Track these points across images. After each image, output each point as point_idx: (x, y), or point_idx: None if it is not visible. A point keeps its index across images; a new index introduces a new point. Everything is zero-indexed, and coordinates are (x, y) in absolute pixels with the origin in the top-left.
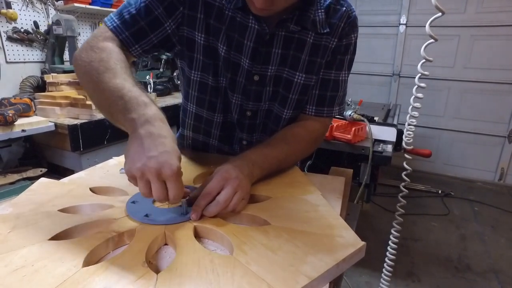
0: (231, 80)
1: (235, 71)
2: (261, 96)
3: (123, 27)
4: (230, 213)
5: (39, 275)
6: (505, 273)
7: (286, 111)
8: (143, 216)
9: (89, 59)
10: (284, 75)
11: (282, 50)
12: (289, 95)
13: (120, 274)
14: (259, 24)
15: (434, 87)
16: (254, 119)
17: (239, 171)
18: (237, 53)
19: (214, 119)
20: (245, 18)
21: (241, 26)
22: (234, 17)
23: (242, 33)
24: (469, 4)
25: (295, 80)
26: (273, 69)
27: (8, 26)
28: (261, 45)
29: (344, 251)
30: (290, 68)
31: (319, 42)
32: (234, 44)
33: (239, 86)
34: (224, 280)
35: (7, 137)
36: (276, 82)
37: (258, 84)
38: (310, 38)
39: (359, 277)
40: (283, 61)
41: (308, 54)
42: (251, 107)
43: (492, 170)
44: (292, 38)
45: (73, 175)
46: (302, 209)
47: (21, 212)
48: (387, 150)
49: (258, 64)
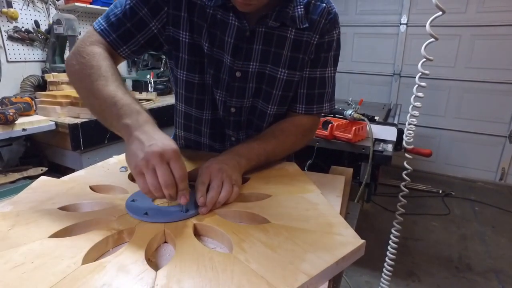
0: (214, 76)
1: (219, 67)
2: (244, 92)
3: (110, 29)
4: (226, 208)
5: (38, 272)
6: (505, 273)
7: (271, 107)
8: (142, 214)
9: (79, 65)
10: (267, 72)
11: (263, 47)
12: (273, 91)
13: (120, 271)
14: (239, 21)
15: (434, 86)
16: (238, 115)
17: (222, 163)
18: (220, 50)
19: (203, 117)
20: (225, 15)
21: (222, 23)
22: (215, 15)
23: (223, 30)
24: (470, 4)
25: (278, 76)
26: (255, 66)
27: (9, 25)
28: (241, 42)
29: (343, 249)
30: (272, 64)
31: (301, 38)
32: (216, 41)
33: (222, 82)
34: (223, 277)
35: (7, 136)
36: (259, 79)
37: (240, 81)
38: (291, 34)
39: (359, 277)
40: (265, 57)
41: (290, 50)
42: (234, 103)
43: (493, 170)
44: (272, 35)
45: (73, 173)
46: (302, 207)
47: (21, 210)
48: (387, 150)
49: (239, 61)
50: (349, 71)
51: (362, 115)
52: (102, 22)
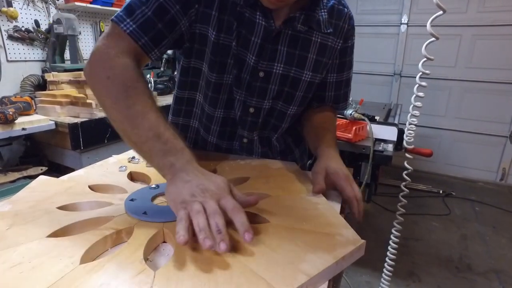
0: (236, 76)
1: (241, 67)
2: (265, 93)
3: (141, 31)
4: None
5: (36, 272)
6: (506, 273)
7: (291, 108)
8: (141, 213)
9: (110, 81)
10: (291, 74)
11: (288, 49)
12: (296, 92)
13: (118, 271)
14: (266, 20)
15: (435, 86)
16: (256, 116)
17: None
18: (243, 49)
19: (214, 115)
20: (252, 14)
21: (249, 22)
22: (242, 13)
23: (250, 29)
24: (471, 4)
25: (302, 78)
26: (280, 67)
27: (9, 24)
28: (267, 42)
29: (343, 249)
30: (297, 67)
31: (326, 42)
32: (241, 40)
33: (243, 82)
34: (222, 277)
35: (7, 135)
36: (282, 81)
37: (263, 81)
38: (317, 37)
39: (359, 277)
40: (290, 59)
41: (316, 54)
42: (254, 103)
43: (494, 170)
44: (298, 37)
45: (72, 172)
46: (302, 207)
47: (20, 209)
48: (388, 150)
49: (264, 61)
50: None
51: (363, 115)
52: (129, 22)
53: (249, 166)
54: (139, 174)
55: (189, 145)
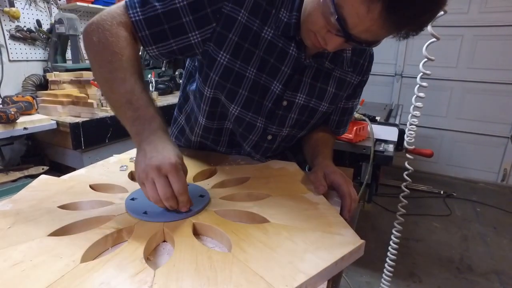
0: (258, 104)
1: (263, 94)
2: (285, 121)
3: (145, 24)
4: (225, 207)
5: (37, 270)
6: (507, 274)
7: (302, 132)
8: (142, 213)
9: (101, 45)
10: (311, 105)
11: (312, 81)
12: (311, 120)
13: (118, 270)
14: (299, 52)
15: (436, 87)
16: (272, 143)
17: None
18: (269, 77)
19: (223, 127)
20: (287, 44)
21: (281, 51)
22: (273, 43)
23: (281, 59)
24: (473, 4)
25: (319, 109)
26: (302, 97)
27: (11, 24)
28: (296, 73)
29: (342, 249)
30: (317, 98)
31: (345, 77)
32: (267, 68)
33: (264, 109)
34: (222, 277)
35: (9, 134)
36: (301, 110)
37: (285, 110)
38: (337, 72)
39: (360, 277)
40: (312, 91)
41: (335, 87)
42: (274, 131)
43: (495, 171)
44: (321, 71)
45: (73, 172)
46: (302, 207)
47: (21, 208)
48: (388, 150)
49: (289, 91)
50: None
51: (363, 115)
52: (138, 11)
53: (250, 166)
54: None
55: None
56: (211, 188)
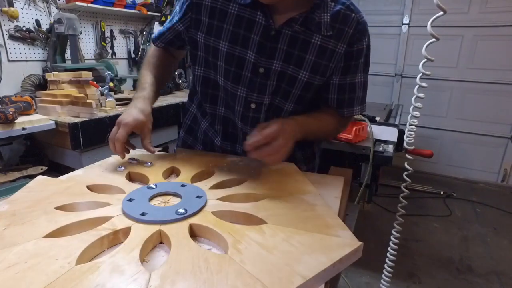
0: (235, 74)
1: (241, 65)
2: (265, 88)
3: (157, 33)
4: (223, 208)
5: (32, 273)
6: (507, 275)
7: (288, 104)
8: (139, 214)
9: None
10: (288, 72)
11: (288, 48)
12: (292, 90)
13: (113, 272)
14: (266, 19)
15: (436, 87)
16: (258, 112)
17: (291, 129)
18: (243, 48)
19: (216, 113)
20: (253, 14)
21: (249, 22)
22: (240, 15)
23: (249, 29)
24: (473, 4)
25: (298, 77)
26: (278, 64)
27: (10, 24)
28: (266, 40)
29: (340, 251)
30: (295, 66)
31: (326, 45)
32: (239, 40)
33: (244, 79)
34: (218, 279)
35: (7, 135)
36: (280, 77)
37: (262, 77)
38: (317, 40)
39: (359, 278)
40: (288, 58)
41: (315, 56)
42: (255, 99)
43: (495, 171)
44: (297, 38)
45: (71, 172)
46: (300, 208)
47: (17, 209)
48: (388, 150)
49: (263, 58)
50: None
51: (363, 115)
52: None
53: (248, 167)
54: (137, 174)
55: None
56: (209, 189)
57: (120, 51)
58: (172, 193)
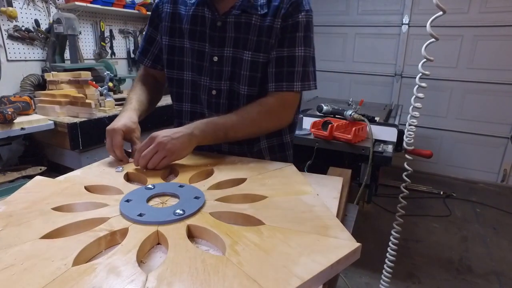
0: (198, 66)
1: (201, 57)
2: (221, 75)
3: (138, 51)
4: (221, 209)
5: (28, 274)
6: (507, 276)
7: (242, 87)
8: (136, 215)
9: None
10: (238, 56)
11: (235, 34)
12: (241, 71)
13: (110, 273)
14: (211, 13)
15: (436, 87)
16: (218, 98)
17: (167, 134)
18: (201, 42)
19: (182, 109)
20: (202, 10)
21: (201, 18)
22: (194, 14)
23: (203, 24)
24: (473, 4)
25: (244, 58)
26: (229, 51)
27: (9, 24)
28: (215, 31)
29: (338, 252)
30: (242, 49)
31: (263, 23)
32: (197, 35)
33: (205, 69)
34: (214, 280)
35: (6, 135)
36: (233, 63)
37: (217, 64)
38: (256, 21)
39: (359, 278)
40: (237, 43)
41: (256, 35)
42: (214, 85)
43: (495, 171)
44: (240, 23)
45: (69, 173)
46: (298, 209)
47: (14, 210)
48: (387, 151)
49: (214, 47)
50: (351, 72)
51: (362, 115)
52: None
53: (246, 167)
54: (135, 175)
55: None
56: (207, 190)
57: (120, 51)
58: (170, 193)
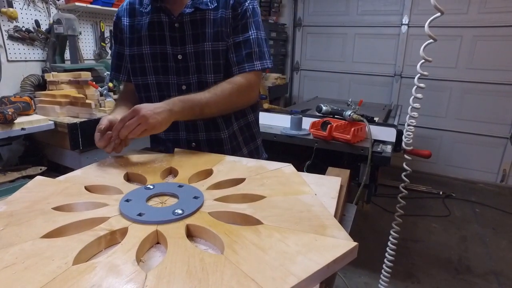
0: (163, 67)
1: (165, 59)
2: (188, 70)
3: (111, 69)
4: (220, 209)
5: (28, 273)
6: (506, 276)
7: (209, 76)
8: (136, 214)
9: None
10: (200, 49)
11: (193, 31)
12: (205, 61)
13: (110, 272)
14: (168, 17)
15: (436, 87)
16: (189, 91)
17: (150, 109)
18: (162, 45)
19: None
20: (158, 16)
21: (159, 23)
22: (151, 22)
23: (161, 28)
24: (472, 5)
25: (205, 49)
26: (191, 47)
27: (9, 25)
28: (175, 32)
29: (335, 251)
30: (202, 42)
31: (216, 16)
32: (157, 40)
33: (171, 69)
34: (213, 279)
35: (6, 135)
36: (196, 57)
37: (182, 61)
38: (210, 15)
39: (358, 278)
40: (196, 39)
41: (212, 28)
42: (183, 81)
43: (494, 171)
44: (196, 20)
45: (69, 173)
46: (296, 209)
47: (15, 210)
48: (386, 151)
49: (177, 47)
50: (350, 72)
51: (361, 115)
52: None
53: (245, 167)
54: (135, 174)
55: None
56: (206, 190)
57: None
58: (169, 193)
